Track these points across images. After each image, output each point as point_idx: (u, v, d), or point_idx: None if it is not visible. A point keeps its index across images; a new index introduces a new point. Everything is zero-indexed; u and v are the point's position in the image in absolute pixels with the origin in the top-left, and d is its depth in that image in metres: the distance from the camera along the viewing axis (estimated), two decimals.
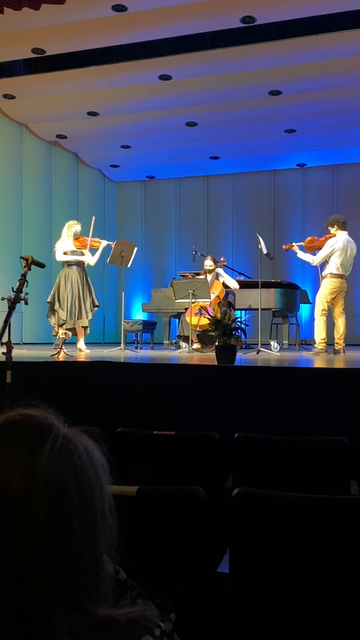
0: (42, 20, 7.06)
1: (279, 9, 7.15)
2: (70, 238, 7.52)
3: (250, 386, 4.30)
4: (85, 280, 7.51)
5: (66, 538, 0.72)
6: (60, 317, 7.27)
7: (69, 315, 7.25)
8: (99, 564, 0.76)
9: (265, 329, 9.21)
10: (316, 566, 1.68)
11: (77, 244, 7.52)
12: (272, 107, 9.73)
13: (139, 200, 13.77)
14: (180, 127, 10.61)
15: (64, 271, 7.42)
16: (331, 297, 7.16)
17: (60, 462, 0.74)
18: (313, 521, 1.68)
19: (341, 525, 1.67)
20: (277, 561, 1.70)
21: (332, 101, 9.48)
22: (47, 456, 0.73)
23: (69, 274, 7.38)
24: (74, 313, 7.29)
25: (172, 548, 1.77)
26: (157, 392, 4.43)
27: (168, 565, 1.76)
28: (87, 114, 10.27)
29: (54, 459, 0.74)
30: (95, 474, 0.77)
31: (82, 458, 0.77)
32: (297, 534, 1.69)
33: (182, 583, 1.73)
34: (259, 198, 12.85)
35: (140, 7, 7.12)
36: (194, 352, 7.64)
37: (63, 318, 7.25)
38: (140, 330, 9.62)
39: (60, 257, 7.45)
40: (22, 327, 10.23)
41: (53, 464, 0.73)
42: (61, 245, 7.49)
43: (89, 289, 7.49)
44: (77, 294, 7.33)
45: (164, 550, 1.77)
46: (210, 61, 8.35)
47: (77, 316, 7.32)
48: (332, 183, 12.44)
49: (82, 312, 7.34)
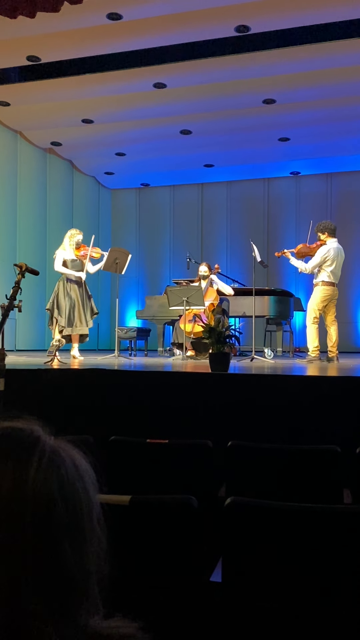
0: (38, 28, 7.08)
1: (273, 18, 7.20)
2: (72, 247, 7.53)
3: (244, 394, 4.30)
4: (85, 288, 7.53)
5: (55, 553, 0.71)
6: (60, 324, 7.27)
7: (67, 322, 7.25)
8: (89, 577, 0.75)
9: (259, 336, 9.22)
10: (309, 575, 1.67)
11: (78, 254, 7.53)
12: (266, 116, 9.78)
13: (133, 207, 13.79)
14: (175, 135, 10.64)
15: (62, 279, 7.43)
16: (323, 304, 7.19)
17: (47, 476, 0.73)
18: (306, 530, 1.68)
19: (334, 534, 1.67)
20: (270, 570, 1.70)
21: (326, 110, 9.54)
22: (34, 472, 0.72)
23: (67, 282, 7.40)
24: (72, 320, 7.29)
25: (165, 557, 1.76)
26: (151, 399, 4.43)
27: (160, 574, 1.76)
28: (82, 122, 10.29)
29: (41, 474, 0.73)
30: (84, 486, 0.77)
31: (70, 471, 0.76)
32: (290, 543, 1.69)
33: (175, 592, 1.73)
34: (253, 206, 12.89)
35: (135, 16, 7.15)
36: (188, 360, 7.63)
37: (62, 325, 7.25)
38: (134, 337, 9.62)
39: (59, 267, 7.44)
40: (15, 334, 10.21)
41: (40, 479, 0.72)
42: (62, 253, 7.49)
43: (88, 297, 7.51)
44: (76, 302, 7.33)
45: (156, 559, 1.77)
46: (204, 70, 8.39)
47: (76, 324, 7.32)
48: (325, 191, 12.50)
49: (82, 319, 7.34)
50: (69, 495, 0.74)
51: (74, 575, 0.73)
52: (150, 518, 1.79)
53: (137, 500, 1.74)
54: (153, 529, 1.78)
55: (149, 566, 1.76)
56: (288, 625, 1.69)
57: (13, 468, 0.72)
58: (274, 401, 4.17)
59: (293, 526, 1.69)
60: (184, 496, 1.74)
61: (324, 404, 4.06)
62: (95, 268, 7.65)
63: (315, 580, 1.67)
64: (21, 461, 0.73)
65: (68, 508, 0.74)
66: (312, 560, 1.68)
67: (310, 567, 1.68)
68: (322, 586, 1.67)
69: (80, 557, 0.74)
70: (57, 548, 0.72)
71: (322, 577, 1.67)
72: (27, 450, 0.74)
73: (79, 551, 0.74)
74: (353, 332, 11.94)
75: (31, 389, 4.62)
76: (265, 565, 1.70)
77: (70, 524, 0.73)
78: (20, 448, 0.75)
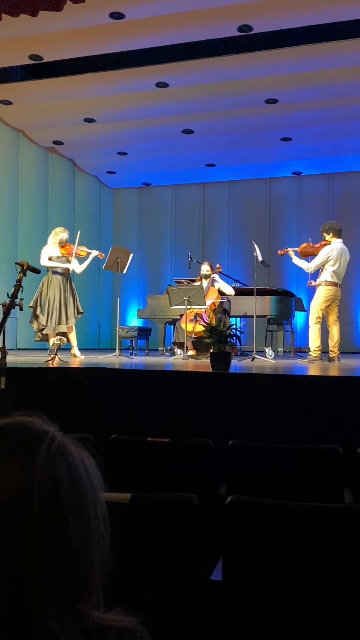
0: (40, 26, 7.08)
1: (275, 18, 7.19)
2: (56, 245, 7.49)
3: (245, 393, 4.30)
4: (70, 286, 7.46)
5: (61, 540, 0.72)
6: (40, 322, 7.24)
7: (49, 320, 7.21)
8: (92, 570, 0.76)
9: (260, 336, 9.22)
10: (309, 574, 1.67)
11: (63, 252, 7.49)
12: (269, 116, 9.77)
13: (135, 206, 13.79)
14: (177, 135, 10.64)
15: (47, 277, 7.38)
16: (325, 305, 7.18)
17: (55, 464, 0.74)
18: (306, 529, 1.68)
19: (334, 533, 1.67)
20: (271, 569, 1.70)
21: (328, 110, 9.53)
22: (42, 459, 0.74)
23: (52, 280, 7.35)
24: (54, 319, 7.24)
25: (165, 555, 1.76)
26: (152, 398, 4.43)
27: (161, 573, 1.76)
28: (84, 121, 10.29)
29: (49, 462, 0.74)
30: (89, 480, 0.78)
31: (77, 462, 0.77)
32: (291, 542, 1.69)
33: (175, 590, 1.73)
34: (254, 206, 12.89)
35: (137, 15, 7.15)
36: (189, 359, 7.64)
37: (42, 323, 7.22)
38: (135, 337, 9.62)
39: (45, 262, 7.39)
40: (16, 333, 10.21)
41: (48, 466, 0.74)
42: (46, 250, 7.47)
43: (72, 296, 7.44)
44: (58, 300, 7.28)
45: (157, 558, 1.77)
46: (207, 69, 8.38)
47: (57, 321, 7.26)
48: (327, 191, 12.49)
49: (63, 317, 7.28)
50: (76, 485, 0.75)
51: (79, 560, 0.74)
52: (151, 516, 1.79)
53: (137, 499, 1.75)
54: (153, 527, 1.78)
55: (149, 564, 1.76)
56: (288, 625, 1.69)
57: (22, 456, 0.73)
58: (274, 401, 4.17)
59: (293, 525, 1.69)
60: (184, 494, 1.74)
61: (324, 404, 4.06)
62: (82, 267, 7.59)
63: (316, 580, 1.67)
64: (30, 450, 0.74)
65: (75, 497, 0.75)
66: (312, 560, 1.68)
67: (310, 567, 1.68)
68: (322, 586, 1.67)
69: (84, 543, 0.75)
70: (63, 529, 0.73)
71: (322, 577, 1.67)
72: (36, 439, 0.76)
73: (84, 536, 0.75)
74: (354, 332, 11.94)
75: (32, 388, 4.62)
76: (265, 564, 1.70)
77: (77, 513, 0.74)
78: (29, 438, 0.76)
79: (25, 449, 0.74)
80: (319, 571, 1.67)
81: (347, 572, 1.66)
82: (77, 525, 0.74)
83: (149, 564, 1.76)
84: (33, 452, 0.74)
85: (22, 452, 0.74)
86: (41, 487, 0.72)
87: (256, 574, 1.71)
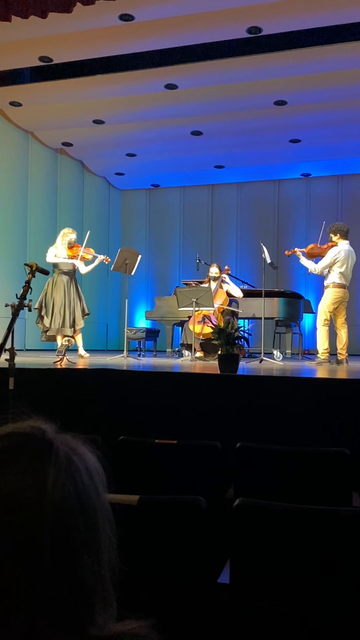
0: (50, 28, 7.10)
1: (285, 19, 7.18)
2: (64, 246, 7.50)
3: (253, 395, 4.30)
4: (75, 287, 7.45)
5: (73, 564, 0.72)
6: (45, 324, 7.24)
7: (52, 322, 7.21)
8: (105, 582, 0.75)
9: (268, 338, 9.21)
10: (317, 578, 1.67)
11: (70, 253, 7.50)
12: (278, 117, 9.76)
13: (143, 208, 13.80)
14: (186, 136, 10.64)
15: (52, 278, 7.36)
16: (334, 307, 7.16)
17: (64, 488, 0.73)
18: (314, 533, 1.67)
19: (342, 537, 1.67)
20: (278, 572, 1.70)
21: (337, 111, 9.51)
22: (51, 484, 0.72)
23: (57, 282, 7.34)
24: (58, 321, 7.23)
25: (173, 558, 1.76)
26: (159, 400, 4.43)
27: (168, 575, 1.75)
28: (93, 122, 10.31)
29: (58, 486, 0.72)
30: (96, 490, 0.77)
31: (84, 477, 0.76)
32: (298, 545, 1.69)
33: (182, 593, 1.72)
34: (263, 207, 12.87)
35: (147, 17, 7.16)
36: (197, 361, 7.63)
37: (47, 325, 7.21)
38: (143, 338, 9.62)
39: (51, 258, 7.40)
40: (25, 334, 10.24)
41: (58, 491, 0.72)
42: (53, 251, 7.48)
43: (78, 297, 7.44)
44: (64, 302, 7.27)
45: (164, 560, 1.77)
46: (216, 71, 8.38)
47: (61, 324, 7.25)
48: (336, 193, 12.46)
49: (67, 320, 7.27)
50: (86, 506, 0.74)
51: (91, 583, 0.73)
52: (159, 518, 1.79)
53: (145, 501, 1.74)
54: (161, 530, 1.78)
55: (156, 567, 1.76)
56: (295, 628, 1.68)
57: (30, 481, 0.72)
58: (282, 403, 4.16)
59: (301, 528, 1.68)
60: (192, 497, 1.74)
61: (333, 407, 4.04)
62: (87, 269, 7.60)
63: (324, 583, 1.66)
64: (37, 474, 0.72)
65: (86, 519, 0.74)
66: (320, 563, 1.67)
67: (318, 570, 1.67)
68: (330, 589, 1.66)
69: (96, 564, 0.74)
70: (76, 560, 0.72)
71: (330, 580, 1.66)
72: (41, 459, 0.74)
73: (95, 559, 0.74)
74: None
75: (40, 389, 4.63)
76: (273, 567, 1.70)
77: (88, 534, 0.74)
78: (34, 457, 0.74)
79: (32, 475, 0.72)
80: (327, 575, 1.67)
81: (356, 575, 1.65)
82: (89, 549, 0.73)
83: (156, 566, 1.75)
84: (41, 479, 0.72)
85: (29, 480, 0.72)
86: (52, 519, 0.71)
87: (264, 577, 1.70)
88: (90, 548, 0.73)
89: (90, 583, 0.73)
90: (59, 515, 0.71)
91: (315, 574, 1.67)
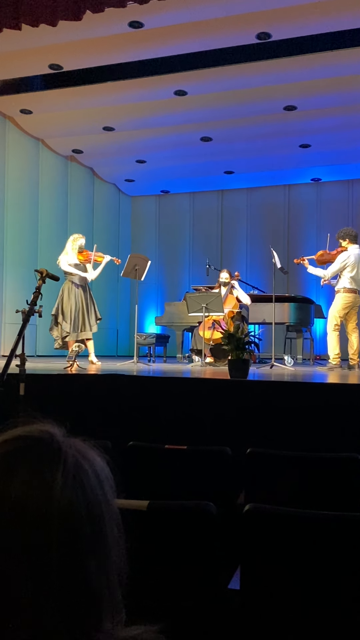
0: (59, 36, 7.14)
1: (294, 25, 7.19)
2: (74, 251, 7.55)
3: (263, 401, 4.28)
4: (89, 292, 7.53)
5: (81, 571, 0.71)
6: (64, 329, 7.27)
7: (72, 327, 7.25)
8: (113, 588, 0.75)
9: (279, 343, 9.18)
10: (329, 584, 1.65)
11: (81, 258, 7.54)
12: (287, 122, 9.76)
13: (153, 214, 13.83)
14: (195, 142, 10.66)
15: (66, 284, 7.43)
16: (344, 312, 7.13)
17: (73, 495, 0.72)
18: (325, 538, 1.66)
19: (354, 542, 1.65)
20: (289, 579, 1.68)
21: (347, 116, 9.50)
22: (59, 490, 0.72)
23: (71, 287, 7.39)
24: (77, 325, 7.29)
25: (183, 564, 1.75)
26: (170, 406, 4.42)
27: (178, 581, 1.75)
28: (103, 129, 10.36)
29: (66, 492, 0.72)
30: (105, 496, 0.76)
31: (93, 483, 0.75)
32: (310, 551, 1.67)
33: (193, 599, 1.71)
34: (273, 213, 12.86)
35: (156, 24, 7.18)
36: (207, 366, 7.62)
37: (67, 330, 7.25)
38: (153, 344, 9.63)
39: (67, 267, 7.44)
40: (36, 340, 10.27)
41: (66, 498, 0.72)
42: (65, 258, 7.53)
43: (92, 302, 7.51)
44: (80, 307, 7.33)
45: (174, 566, 1.76)
46: (225, 77, 8.40)
47: (81, 328, 7.31)
48: (346, 198, 12.43)
49: (86, 324, 7.34)
50: (94, 511, 0.74)
51: (99, 588, 0.72)
52: (169, 524, 1.78)
53: (155, 506, 1.74)
54: (171, 535, 1.77)
55: (166, 572, 1.75)
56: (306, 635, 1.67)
57: (38, 485, 0.71)
58: (293, 408, 4.14)
59: (312, 534, 1.67)
60: (202, 502, 1.73)
61: (344, 412, 4.02)
62: (95, 273, 7.65)
63: (335, 590, 1.65)
64: (45, 478, 0.72)
65: (94, 525, 0.73)
66: (331, 569, 1.66)
67: (329, 576, 1.66)
68: (342, 596, 1.64)
69: (104, 570, 0.74)
70: (83, 565, 0.71)
71: (342, 587, 1.65)
72: (50, 463, 0.73)
73: (103, 564, 0.74)
74: None
75: (51, 394, 4.64)
76: (284, 573, 1.69)
77: (96, 540, 0.73)
78: (42, 462, 0.73)
79: (40, 480, 0.72)
80: (339, 581, 1.65)
81: None
82: (97, 556, 0.73)
83: (166, 572, 1.75)
84: (49, 485, 0.71)
85: (37, 485, 0.71)
86: (60, 526, 0.70)
87: (274, 583, 1.69)
88: (98, 553, 0.73)
89: (97, 588, 0.72)
90: (66, 519, 0.71)
91: (327, 580, 1.66)
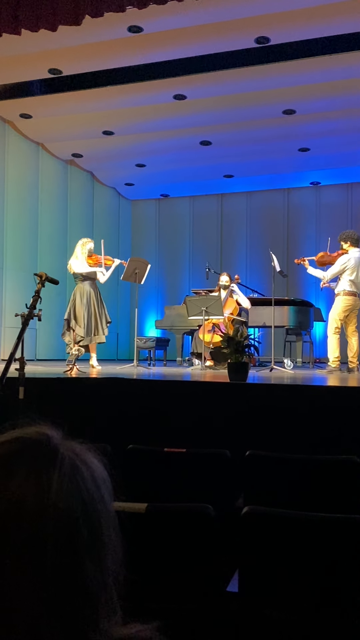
0: (59, 41, 7.16)
1: (293, 29, 7.21)
2: (84, 256, 7.55)
3: (263, 404, 4.29)
4: (99, 296, 7.54)
5: (77, 572, 0.71)
6: (78, 334, 7.26)
7: (86, 332, 7.25)
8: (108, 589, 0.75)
9: (278, 346, 9.18)
10: (327, 586, 1.66)
11: (91, 262, 7.56)
12: (286, 126, 9.78)
13: (153, 218, 13.84)
14: (195, 146, 10.68)
15: (78, 287, 7.43)
16: (344, 314, 7.14)
17: (69, 496, 0.72)
18: (324, 541, 1.66)
19: (353, 545, 1.66)
20: (288, 581, 1.69)
21: (346, 120, 9.52)
22: (55, 492, 0.72)
23: (84, 291, 7.39)
24: (90, 330, 7.29)
25: (181, 566, 1.76)
26: (169, 409, 4.42)
27: (177, 583, 1.75)
28: (103, 133, 10.38)
29: (62, 493, 0.72)
30: (101, 498, 0.76)
31: (89, 485, 0.75)
32: (308, 553, 1.68)
33: (191, 601, 1.72)
34: (272, 216, 12.87)
35: (155, 28, 7.21)
36: (207, 369, 7.62)
37: (81, 335, 7.24)
38: (153, 347, 9.63)
39: (84, 268, 7.42)
40: (35, 344, 10.28)
41: (62, 499, 0.72)
42: (76, 262, 7.52)
43: (102, 305, 7.52)
44: (93, 311, 7.34)
45: (172, 568, 1.76)
46: (224, 81, 8.42)
47: (94, 332, 7.33)
48: (346, 201, 12.44)
49: (99, 328, 7.35)
50: (91, 513, 0.74)
51: (95, 590, 0.73)
52: (167, 526, 1.78)
53: (153, 509, 1.74)
54: (169, 538, 1.77)
55: (165, 575, 1.75)
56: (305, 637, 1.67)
57: (34, 487, 0.71)
58: (292, 411, 4.14)
59: (311, 536, 1.67)
60: (200, 505, 1.74)
61: (343, 415, 4.03)
62: (106, 276, 7.66)
63: (334, 592, 1.65)
64: (41, 480, 0.72)
65: (90, 527, 0.73)
66: (330, 572, 1.66)
67: (328, 579, 1.66)
68: (340, 598, 1.65)
69: (100, 572, 0.74)
70: (79, 567, 0.71)
71: (340, 589, 1.65)
72: (46, 465, 0.73)
73: (99, 567, 0.74)
74: None
75: (50, 398, 4.64)
76: (282, 575, 1.69)
77: (92, 542, 0.73)
78: (39, 463, 0.74)
79: (36, 482, 0.72)
80: (338, 583, 1.65)
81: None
82: (93, 557, 0.73)
83: (164, 574, 1.75)
84: (45, 486, 0.71)
85: (33, 486, 0.71)
86: (56, 528, 0.70)
87: (273, 585, 1.69)
88: (94, 555, 0.73)
89: (93, 590, 0.73)
90: (63, 521, 0.71)
91: (326, 582, 1.66)
